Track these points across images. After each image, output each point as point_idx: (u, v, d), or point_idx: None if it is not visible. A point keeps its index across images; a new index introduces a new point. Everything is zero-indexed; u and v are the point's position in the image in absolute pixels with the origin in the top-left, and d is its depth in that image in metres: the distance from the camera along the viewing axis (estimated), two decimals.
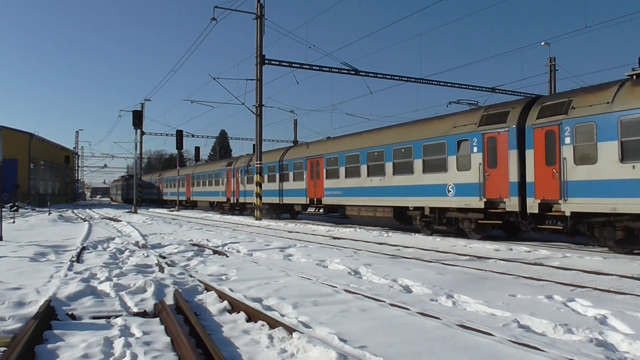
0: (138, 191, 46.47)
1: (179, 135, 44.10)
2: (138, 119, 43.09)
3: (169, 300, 6.53)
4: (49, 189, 62.07)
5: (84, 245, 13.47)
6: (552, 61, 37.49)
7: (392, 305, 6.18)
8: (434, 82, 32.35)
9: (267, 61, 27.57)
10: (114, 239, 15.72)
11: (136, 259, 10.71)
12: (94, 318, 5.80)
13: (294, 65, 28.11)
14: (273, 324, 5.24)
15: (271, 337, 4.87)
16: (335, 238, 16.74)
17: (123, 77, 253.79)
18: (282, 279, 8.16)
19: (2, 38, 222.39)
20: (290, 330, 4.92)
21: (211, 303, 6.50)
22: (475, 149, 15.66)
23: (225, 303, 6.38)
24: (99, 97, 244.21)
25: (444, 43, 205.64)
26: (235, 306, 6.21)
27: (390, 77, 31.00)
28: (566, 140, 12.94)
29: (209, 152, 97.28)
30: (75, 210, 42.47)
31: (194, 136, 59.53)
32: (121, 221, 26.50)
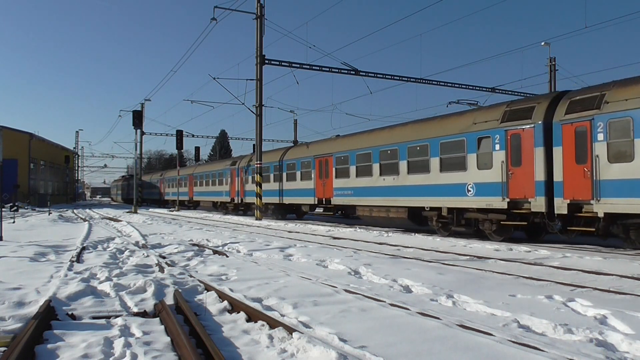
0: (138, 191, 46.51)
1: (179, 135, 44.11)
2: (138, 119, 43.09)
3: (169, 300, 6.53)
4: (49, 189, 62.10)
5: (84, 245, 13.47)
6: (552, 61, 37.49)
7: (392, 305, 6.18)
8: (434, 82, 32.38)
9: (267, 61, 27.57)
10: (114, 239, 15.72)
11: (136, 259, 10.72)
12: (94, 318, 5.80)
13: (294, 65, 28.13)
14: (273, 324, 5.24)
15: (271, 337, 4.87)
16: (335, 238, 16.74)
17: (123, 77, 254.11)
18: (282, 279, 8.16)
19: (2, 38, 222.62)
20: (290, 330, 4.92)
21: (211, 303, 6.50)
22: (497, 147, 14.92)
23: (225, 303, 6.38)
24: (99, 97, 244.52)
25: (444, 43, 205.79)
26: (235, 306, 6.21)
27: (390, 77, 31.02)
28: (599, 137, 12.27)
29: (209, 152, 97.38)
30: (75, 210, 42.47)
31: (194, 136, 59.70)
32: (121, 221, 26.50)
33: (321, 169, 24.85)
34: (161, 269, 9.16)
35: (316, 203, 25.62)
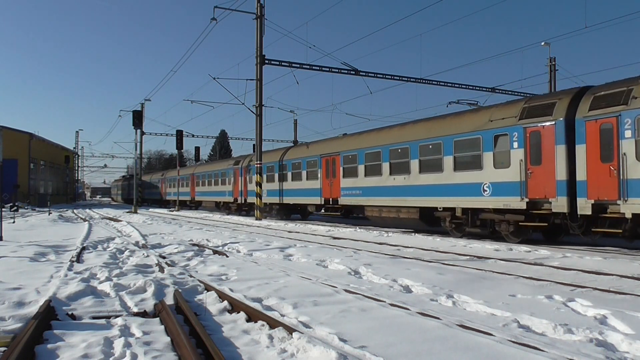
0: (139, 191, 46.49)
1: (179, 135, 44.10)
2: (138, 119, 43.11)
3: (169, 300, 6.53)
4: (49, 189, 62.09)
5: (84, 245, 13.47)
6: (552, 61, 37.50)
7: (392, 305, 6.18)
8: (434, 82, 32.38)
9: (267, 61, 27.57)
10: (114, 239, 15.72)
11: (136, 259, 10.72)
12: (94, 318, 5.80)
13: (294, 65, 28.13)
14: (273, 324, 5.24)
15: (271, 337, 4.87)
16: (335, 238, 16.74)
17: (123, 77, 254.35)
18: (282, 279, 8.16)
19: (2, 38, 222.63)
20: (290, 330, 4.92)
21: (211, 303, 6.50)
22: (515, 145, 14.32)
23: (225, 303, 6.38)
24: (99, 97, 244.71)
25: (444, 43, 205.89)
26: (235, 306, 6.21)
27: (390, 77, 31.01)
28: (626, 134, 11.76)
29: (209, 152, 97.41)
30: (75, 210, 42.47)
31: (194, 136, 59.74)
32: (121, 221, 26.50)
33: (328, 168, 24.21)
34: (161, 269, 9.16)
35: (323, 203, 24.95)
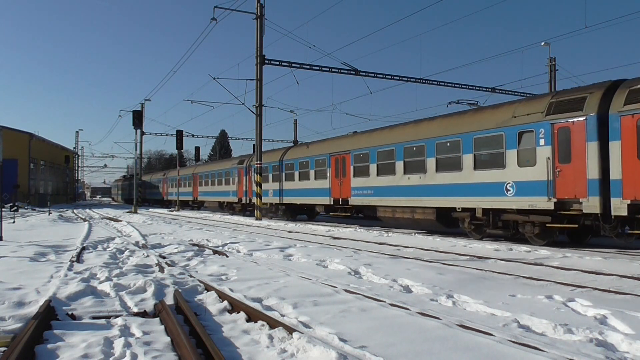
0: (139, 191, 46.48)
1: (179, 135, 44.08)
2: (138, 119, 43.11)
3: (169, 300, 6.53)
4: (49, 189, 62.08)
5: (84, 245, 13.47)
6: (552, 61, 37.50)
7: (392, 305, 6.18)
8: (434, 82, 32.38)
9: (267, 61, 27.58)
10: (114, 239, 15.72)
11: (136, 259, 10.72)
12: (94, 318, 5.80)
13: (294, 65, 28.13)
14: (273, 324, 5.24)
15: (271, 337, 4.87)
16: (335, 238, 16.74)
17: (123, 77, 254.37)
18: (282, 279, 8.16)
19: (2, 38, 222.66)
20: (290, 330, 4.92)
21: (211, 303, 6.50)
22: (542, 142, 13.54)
23: (225, 303, 6.38)
24: (99, 97, 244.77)
25: (444, 43, 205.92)
26: (235, 306, 6.21)
27: (390, 77, 31.02)
28: None
29: (209, 152, 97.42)
30: (75, 210, 42.47)
31: (194, 136, 59.77)
32: (121, 221, 26.50)
33: (337, 167, 23.43)
34: (161, 269, 9.16)
35: (332, 203, 24.06)
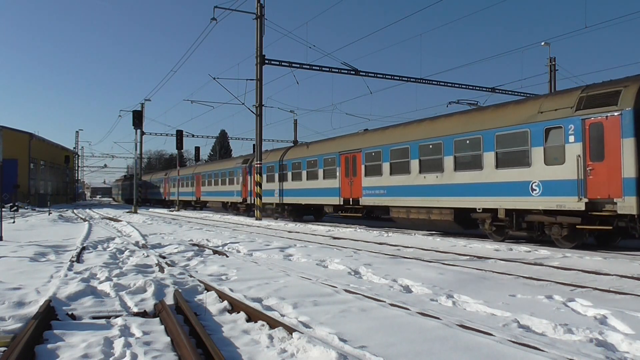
0: (140, 191, 46.47)
1: (179, 135, 44.11)
2: (138, 119, 43.13)
3: (169, 300, 6.53)
4: (49, 189, 62.08)
5: (84, 245, 13.47)
6: (552, 61, 37.51)
7: (392, 305, 6.18)
8: (434, 82, 32.40)
9: (267, 61, 27.59)
10: (114, 239, 15.72)
11: (136, 259, 10.72)
12: (94, 318, 5.80)
13: (294, 65, 28.14)
14: (273, 324, 5.24)
15: (271, 337, 4.87)
16: (335, 238, 16.74)
17: (123, 77, 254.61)
18: (282, 279, 8.16)
19: (2, 38, 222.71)
20: (290, 330, 4.92)
21: (211, 303, 6.50)
22: (571, 138, 12.81)
23: (225, 303, 6.38)
24: (99, 97, 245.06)
25: (444, 43, 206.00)
26: (235, 306, 6.21)
27: (390, 77, 31.03)
28: None
29: (209, 152, 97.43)
30: (75, 210, 42.47)
31: (194, 136, 59.84)
32: (121, 221, 26.50)
33: (348, 166, 22.54)
34: (161, 269, 9.16)
35: (342, 204, 23.15)
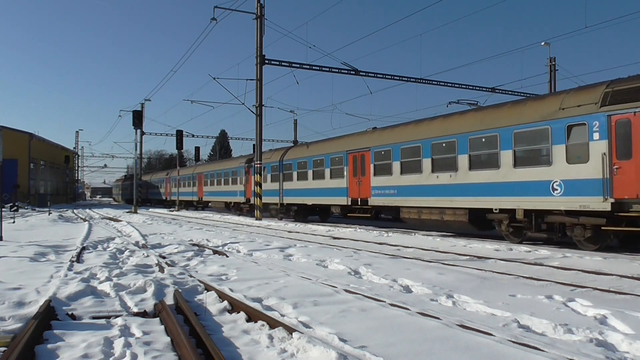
0: (140, 191, 46.44)
1: (179, 135, 44.09)
2: (138, 119, 43.11)
3: (169, 300, 6.53)
4: (49, 189, 62.07)
5: (84, 245, 13.47)
6: (552, 61, 37.51)
7: (392, 305, 6.18)
8: (434, 82, 32.39)
9: (267, 61, 27.59)
10: (114, 239, 15.72)
11: (136, 259, 10.72)
12: (94, 318, 5.80)
13: (294, 65, 28.13)
14: (273, 324, 5.24)
15: (271, 337, 4.86)
16: (335, 238, 16.74)
17: (123, 77, 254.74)
18: (282, 279, 8.16)
19: (2, 38, 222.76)
20: (290, 330, 4.92)
21: (211, 303, 6.50)
22: (596, 136, 12.27)
23: (225, 303, 6.38)
24: (99, 97, 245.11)
25: (444, 43, 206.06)
26: (235, 306, 6.21)
27: (390, 77, 31.03)
28: None
29: (209, 152, 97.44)
30: (75, 210, 42.47)
31: (194, 136, 59.79)
32: (121, 221, 26.50)
33: (356, 165, 21.97)
34: (161, 269, 9.16)
35: (349, 204, 22.58)
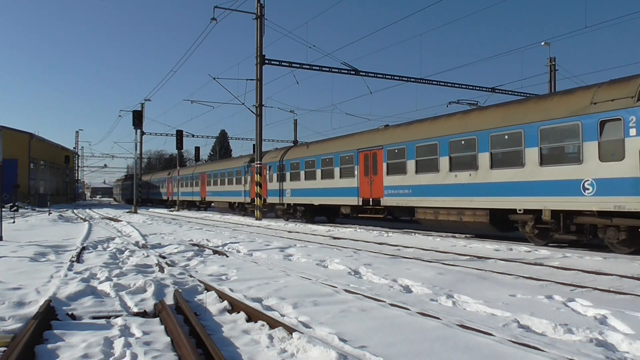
0: (141, 192, 46.42)
1: (179, 135, 44.09)
2: (138, 119, 43.11)
3: (169, 300, 6.53)
4: (48, 189, 62.06)
5: (84, 245, 13.47)
6: (552, 61, 37.52)
7: (392, 305, 6.18)
8: (434, 82, 32.40)
9: (267, 61, 27.59)
10: (114, 239, 15.72)
11: (136, 259, 10.72)
12: (94, 318, 5.80)
13: (294, 65, 28.14)
14: (273, 324, 5.24)
15: (271, 337, 4.86)
16: (335, 238, 16.74)
17: (123, 77, 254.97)
18: (282, 279, 8.16)
19: (2, 38, 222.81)
20: (290, 330, 4.92)
21: (211, 303, 6.50)
22: (632, 132, 11.61)
23: (225, 303, 6.38)
24: (99, 97, 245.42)
25: (444, 43, 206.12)
26: (235, 306, 6.21)
27: (390, 77, 31.03)
28: None
29: (209, 152, 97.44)
30: (75, 210, 42.47)
31: (194, 136, 59.79)
32: (121, 221, 26.50)
33: (367, 164, 21.17)
34: (161, 269, 9.16)
35: (360, 204, 21.75)
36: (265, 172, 30.04)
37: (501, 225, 15.57)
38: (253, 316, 5.69)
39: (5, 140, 18.28)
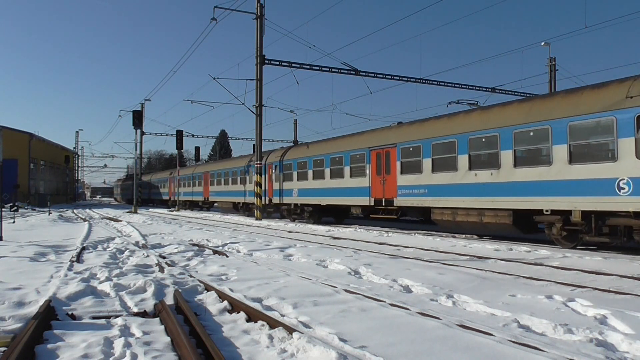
0: (142, 192, 46.41)
1: (179, 135, 44.14)
2: (138, 119, 43.12)
3: (169, 300, 6.53)
4: (49, 189, 62.05)
5: (84, 245, 13.47)
6: (552, 61, 37.52)
7: (392, 305, 6.18)
8: (434, 82, 32.42)
9: (267, 61, 27.60)
10: (114, 239, 15.72)
11: (136, 259, 10.72)
12: (94, 318, 5.80)
13: (294, 65, 28.15)
14: (273, 324, 5.24)
15: (271, 337, 4.87)
16: (335, 238, 16.74)
17: (123, 77, 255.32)
18: (282, 279, 8.16)
19: (2, 38, 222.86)
20: (290, 330, 4.92)
21: (211, 303, 6.50)
22: None
23: (225, 303, 6.38)
24: (99, 97, 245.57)
25: (444, 43, 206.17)
26: (235, 306, 6.21)
27: (390, 77, 31.04)
28: None
29: (209, 152, 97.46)
30: (75, 210, 42.47)
31: (194, 136, 59.86)
32: (121, 221, 26.50)
33: (379, 162, 20.37)
34: (161, 269, 9.16)
35: (372, 204, 20.93)
36: (270, 171, 29.42)
37: (524, 227, 14.96)
38: (253, 316, 5.69)
39: (5, 140, 18.28)
